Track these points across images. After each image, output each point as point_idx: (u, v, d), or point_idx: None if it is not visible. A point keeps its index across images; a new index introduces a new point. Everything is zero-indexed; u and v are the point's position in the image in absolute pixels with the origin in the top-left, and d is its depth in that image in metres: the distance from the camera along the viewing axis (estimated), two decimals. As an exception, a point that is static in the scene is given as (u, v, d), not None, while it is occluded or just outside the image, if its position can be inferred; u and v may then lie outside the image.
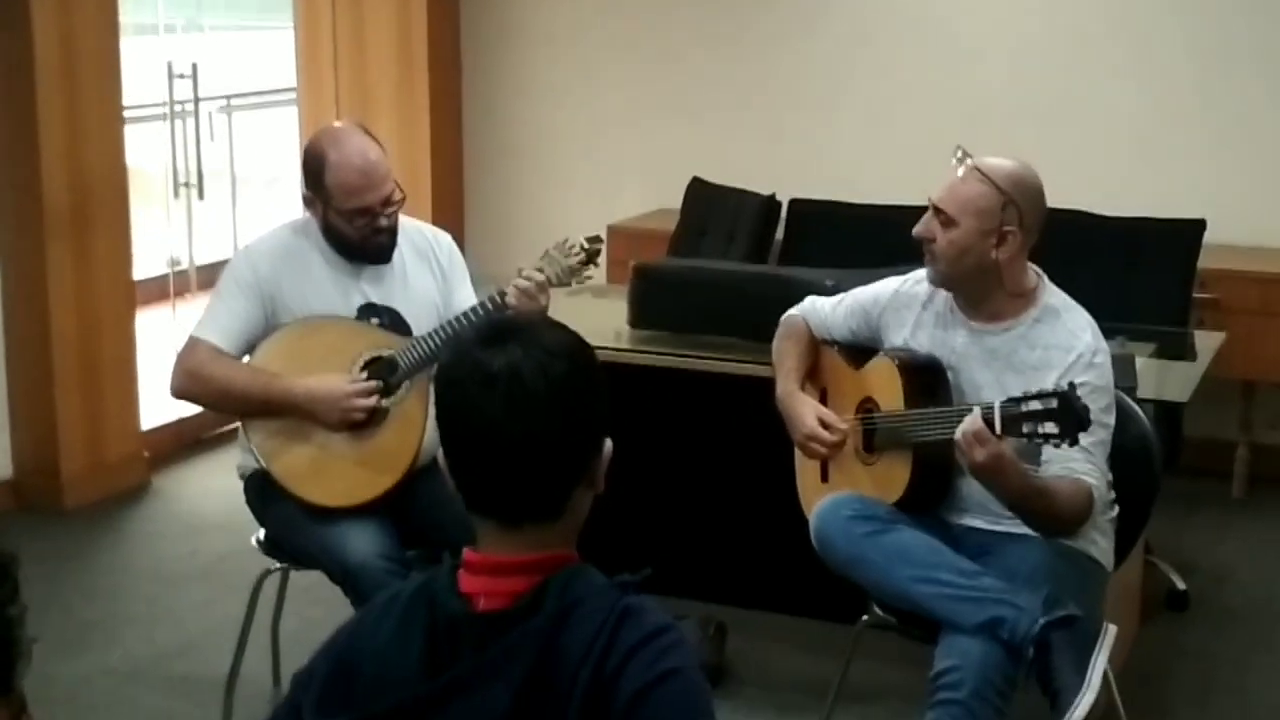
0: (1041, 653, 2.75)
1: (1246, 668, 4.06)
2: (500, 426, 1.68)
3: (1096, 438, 2.90)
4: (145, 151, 6.74)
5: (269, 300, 3.34)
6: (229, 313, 3.34)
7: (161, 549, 4.82)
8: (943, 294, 3.16)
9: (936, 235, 3.05)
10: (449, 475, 1.76)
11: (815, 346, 3.38)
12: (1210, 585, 4.55)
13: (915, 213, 4.96)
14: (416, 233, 3.51)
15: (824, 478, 3.31)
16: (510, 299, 3.27)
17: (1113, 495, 3.05)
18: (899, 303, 3.23)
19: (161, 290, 7.02)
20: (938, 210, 3.05)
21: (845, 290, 3.40)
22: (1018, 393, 2.82)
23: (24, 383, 5.09)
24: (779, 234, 5.29)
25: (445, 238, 3.57)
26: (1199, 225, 4.67)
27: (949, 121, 5.72)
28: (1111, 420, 3.00)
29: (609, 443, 1.77)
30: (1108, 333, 3.15)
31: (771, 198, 5.24)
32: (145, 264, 6.51)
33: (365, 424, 3.28)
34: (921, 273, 3.23)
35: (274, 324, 3.34)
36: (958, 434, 2.77)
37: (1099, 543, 3.06)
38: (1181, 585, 4.38)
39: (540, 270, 3.32)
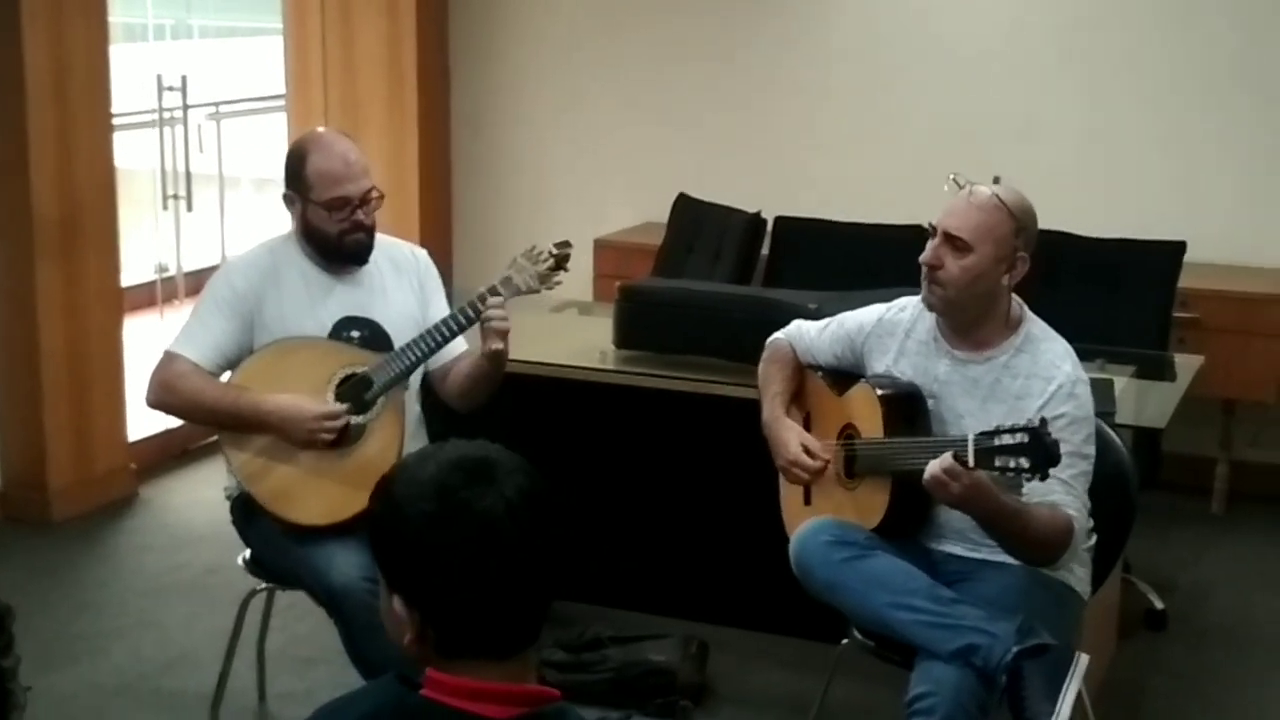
0: (1014, 680, 2.78)
1: (1224, 686, 4.09)
2: (516, 546, 1.57)
3: (1077, 469, 2.93)
4: (134, 155, 6.76)
5: (247, 316, 3.38)
6: (206, 330, 3.38)
7: (149, 562, 4.84)
8: (926, 322, 3.17)
9: (945, 261, 3.03)
10: (410, 623, 1.60)
11: (800, 370, 3.41)
12: (1188, 603, 4.59)
13: (899, 231, 5.05)
14: (394, 248, 3.56)
15: (807, 500, 3.34)
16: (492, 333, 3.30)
17: (1091, 524, 3.08)
18: (882, 330, 3.25)
19: (149, 297, 7.05)
20: (949, 236, 3.03)
21: (829, 313, 3.43)
22: (1000, 421, 2.84)
23: (12, 396, 5.11)
24: (764, 251, 5.32)
25: (422, 253, 3.62)
26: (1179, 247, 4.71)
27: (933, 141, 5.77)
28: (1092, 450, 3.02)
29: None
30: (1088, 355, 3.16)
31: (757, 215, 5.27)
32: (133, 270, 6.53)
33: (342, 442, 3.31)
34: (905, 300, 3.25)
35: (253, 339, 3.38)
36: (926, 477, 2.80)
37: (1076, 571, 3.09)
38: (1160, 604, 4.42)
39: (509, 279, 3.36)
